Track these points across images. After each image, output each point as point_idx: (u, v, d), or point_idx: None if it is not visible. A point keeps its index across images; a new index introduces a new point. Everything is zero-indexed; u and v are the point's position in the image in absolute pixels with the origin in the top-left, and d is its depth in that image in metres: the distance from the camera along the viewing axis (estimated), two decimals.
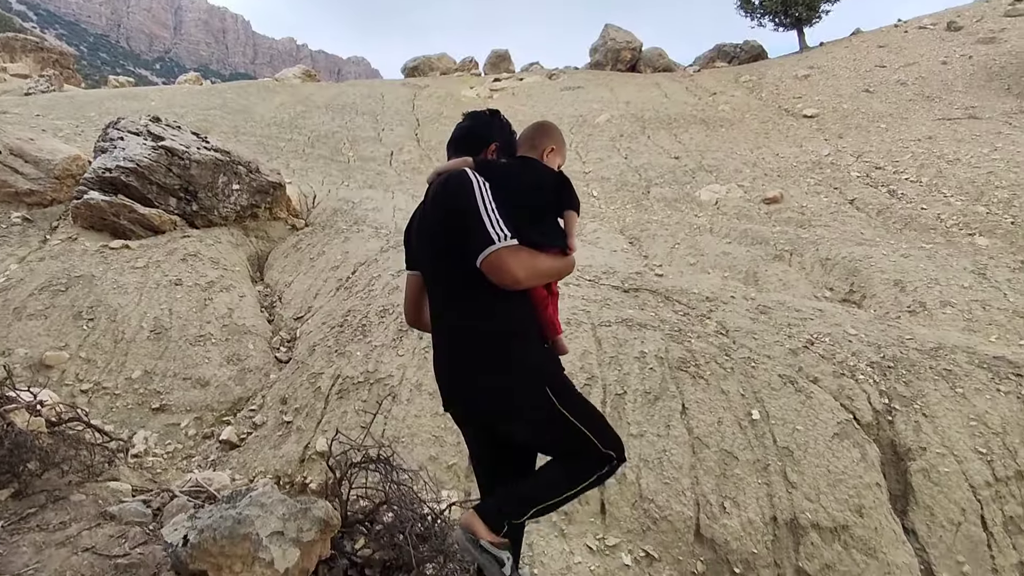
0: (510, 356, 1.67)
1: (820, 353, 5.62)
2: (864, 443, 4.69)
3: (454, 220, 1.64)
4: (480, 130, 1.95)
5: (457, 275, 1.68)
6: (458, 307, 1.71)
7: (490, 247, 1.56)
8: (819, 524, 4.29)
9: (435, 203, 1.74)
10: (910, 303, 7.53)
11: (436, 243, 1.74)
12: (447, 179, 1.72)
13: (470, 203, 1.62)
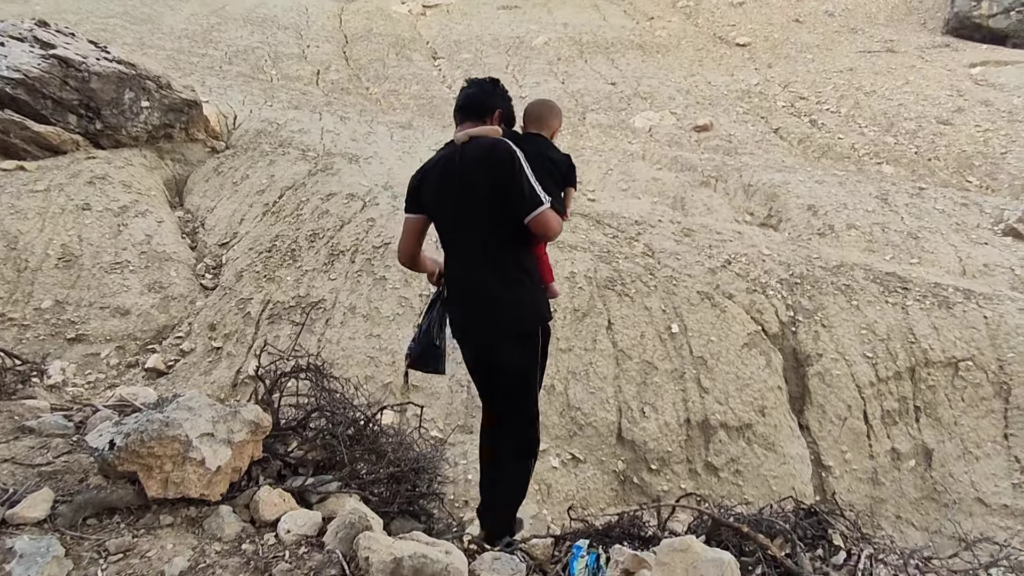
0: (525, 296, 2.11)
1: (736, 272, 5.99)
2: (770, 351, 5.13)
3: (503, 186, 1.94)
4: (485, 98, 2.15)
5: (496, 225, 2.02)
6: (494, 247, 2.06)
7: (540, 207, 1.94)
8: (727, 424, 4.73)
9: (484, 169, 1.99)
10: (820, 226, 8.05)
11: (480, 205, 2.02)
12: (493, 149, 1.98)
13: (518, 172, 1.94)
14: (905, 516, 4.86)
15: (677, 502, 2.46)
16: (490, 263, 2.07)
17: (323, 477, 2.14)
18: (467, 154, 2.03)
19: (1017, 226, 7.55)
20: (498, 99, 2.18)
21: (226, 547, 1.69)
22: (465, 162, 2.02)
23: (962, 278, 6.79)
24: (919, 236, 7.60)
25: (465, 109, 2.13)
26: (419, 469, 2.50)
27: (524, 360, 2.14)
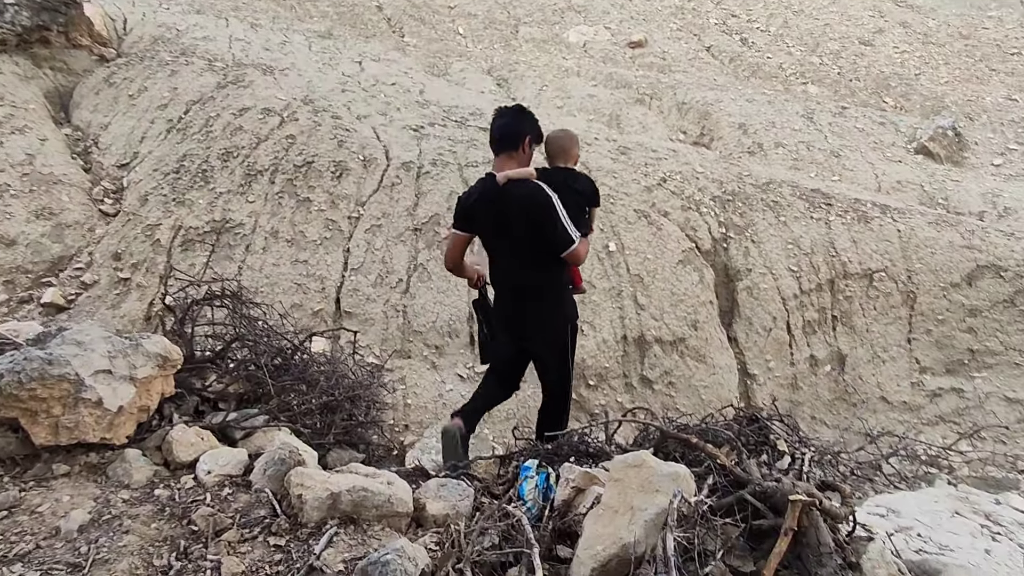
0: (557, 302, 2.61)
1: (671, 190, 5.99)
2: (703, 267, 5.24)
3: (538, 225, 2.34)
4: (515, 127, 2.46)
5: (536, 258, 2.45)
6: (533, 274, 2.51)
7: (572, 245, 2.37)
8: (661, 339, 4.85)
9: (520, 211, 2.37)
10: (750, 144, 8.15)
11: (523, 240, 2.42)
12: (533, 197, 2.35)
13: (551, 214, 2.33)
14: (819, 416, 5.25)
15: (624, 417, 2.47)
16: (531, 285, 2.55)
17: (247, 411, 1.96)
18: (508, 197, 2.39)
19: (928, 144, 7.91)
20: (526, 126, 2.49)
21: (135, 494, 1.51)
22: (507, 204, 2.39)
23: (878, 194, 7.11)
24: (841, 154, 7.84)
25: (501, 142, 2.48)
26: (355, 397, 2.37)
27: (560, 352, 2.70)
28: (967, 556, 2.89)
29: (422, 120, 6.71)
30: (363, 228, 4.92)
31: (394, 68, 9.16)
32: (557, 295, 2.63)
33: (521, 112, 2.52)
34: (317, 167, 5.45)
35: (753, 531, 1.47)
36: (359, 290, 4.59)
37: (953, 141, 7.95)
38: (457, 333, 4.52)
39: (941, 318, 5.38)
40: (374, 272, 4.69)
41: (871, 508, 3.48)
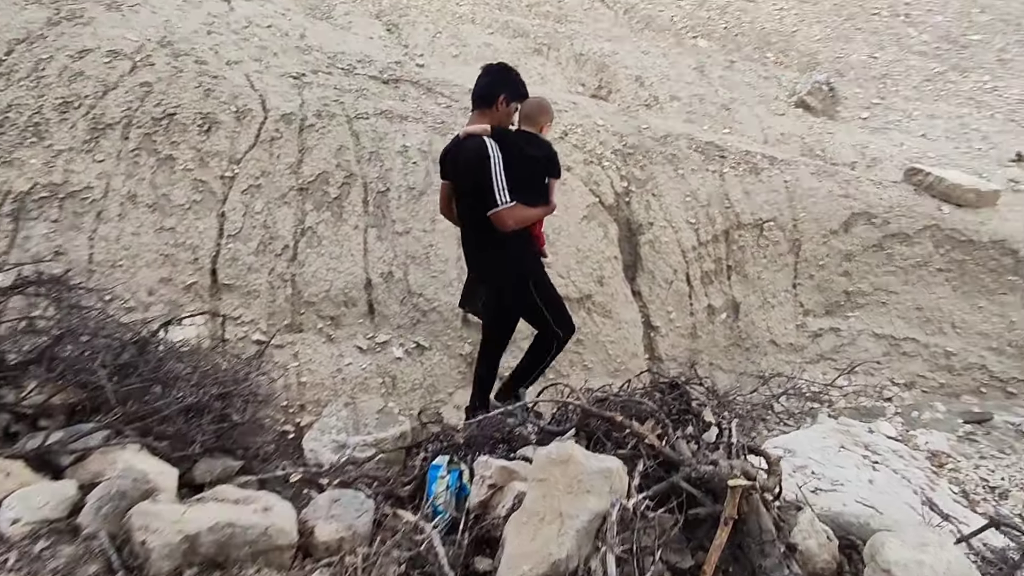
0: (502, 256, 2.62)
1: (574, 143, 5.86)
2: (607, 223, 5.19)
3: (473, 183, 2.40)
4: (491, 86, 2.52)
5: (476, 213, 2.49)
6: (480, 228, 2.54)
7: (495, 208, 2.35)
8: (568, 296, 4.77)
9: (464, 166, 2.48)
10: (647, 97, 8.18)
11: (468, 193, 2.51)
12: (472, 149, 2.38)
13: (485, 174, 2.34)
14: (716, 363, 5.48)
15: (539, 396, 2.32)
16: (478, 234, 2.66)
17: (79, 427, 1.56)
18: (459, 153, 2.52)
19: (806, 99, 8.34)
20: (501, 86, 2.55)
21: None
22: (459, 159, 2.53)
23: (765, 146, 7.42)
24: (731, 107, 8.08)
25: (476, 99, 2.56)
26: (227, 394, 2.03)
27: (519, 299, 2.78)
28: (856, 489, 3.11)
29: (304, 67, 6.06)
30: (239, 189, 4.38)
31: (269, 8, 8.20)
32: (501, 248, 2.63)
33: (502, 71, 2.63)
34: (180, 120, 4.76)
35: (688, 520, 1.39)
36: (238, 259, 4.10)
37: (828, 95, 8.42)
38: (354, 302, 4.19)
39: (821, 264, 5.74)
40: (255, 238, 4.20)
41: (771, 450, 3.68)
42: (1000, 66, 11.15)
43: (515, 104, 2.57)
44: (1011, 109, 9.57)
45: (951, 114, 8.93)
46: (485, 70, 2.61)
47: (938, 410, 5.25)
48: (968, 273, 5.50)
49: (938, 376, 5.51)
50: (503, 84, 2.54)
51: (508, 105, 2.54)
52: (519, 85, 2.57)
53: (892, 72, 10.58)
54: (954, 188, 5.60)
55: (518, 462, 1.54)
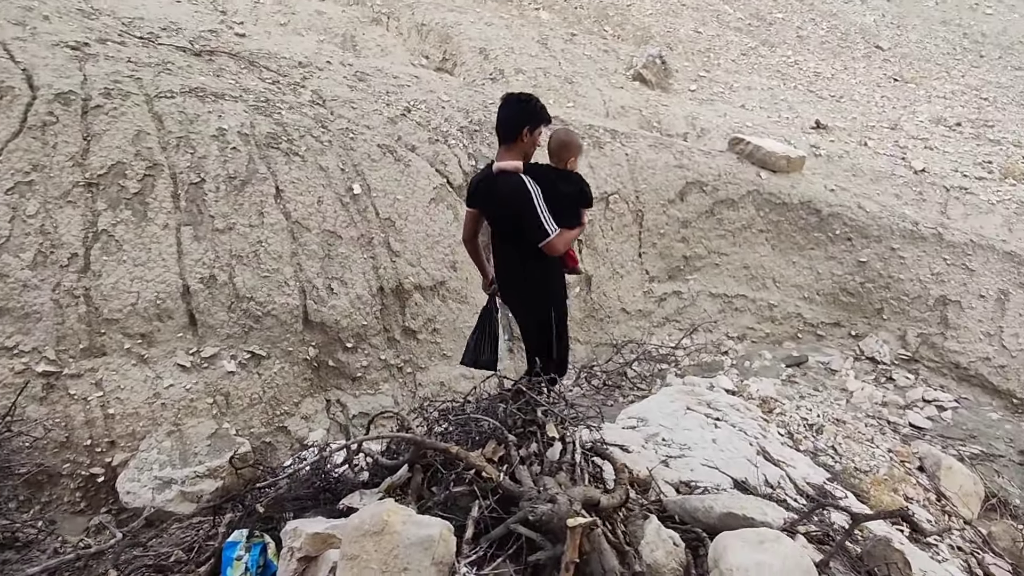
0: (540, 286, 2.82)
1: (417, 120, 5.57)
2: (456, 204, 5.01)
3: (518, 216, 2.56)
4: (513, 120, 2.59)
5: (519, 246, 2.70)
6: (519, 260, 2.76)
7: (546, 238, 2.56)
8: (421, 285, 4.57)
9: (504, 201, 2.62)
10: (492, 70, 8.05)
11: (507, 223, 2.70)
12: (511, 185, 2.55)
13: (529, 207, 2.52)
14: (574, 335, 5.59)
15: (368, 429, 2.07)
16: (516, 267, 2.79)
17: None
18: (497, 187, 2.59)
19: (642, 72, 8.71)
20: (524, 117, 2.57)
21: None
22: (497, 194, 2.59)
23: (607, 119, 7.64)
24: (574, 81, 8.21)
25: (500, 135, 2.60)
26: None
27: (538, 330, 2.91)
28: (701, 451, 3.30)
29: (86, 35, 5.09)
30: (2, 188, 3.56)
31: None
32: (536, 278, 2.81)
33: (520, 103, 2.61)
34: None
35: (529, 567, 1.28)
36: (7, 275, 3.35)
37: (661, 69, 8.86)
38: (170, 314, 3.62)
39: (662, 232, 6.05)
40: (30, 248, 3.45)
41: (624, 421, 3.80)
42: (799, 42, 12.50)
43: (539, 130, 2.65)
44: (809, 81, 10.77)
45: (763, 86, 9.85)
46: (504, 102, 2.64)
47: (766, 358, 5.83)
48: (783, 233, 6.10)
49: (764, 327, 6.11)
50: (523, 116, 2.58)
51: (532, 134, 2.62)
52: (539, 112, 2.61)
53: (714, 46, 11.42)
54: (769, 155, 6.15)
55: (336, 523, 1.32)
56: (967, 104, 10.38)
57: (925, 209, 6.50)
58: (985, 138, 8.85)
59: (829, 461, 4.06)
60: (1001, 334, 5.18)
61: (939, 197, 6.67)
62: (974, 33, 14.15)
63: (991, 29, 14.45)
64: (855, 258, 5.86)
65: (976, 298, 5.35)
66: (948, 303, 5.44)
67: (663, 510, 1.91)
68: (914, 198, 6.71)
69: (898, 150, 7.81)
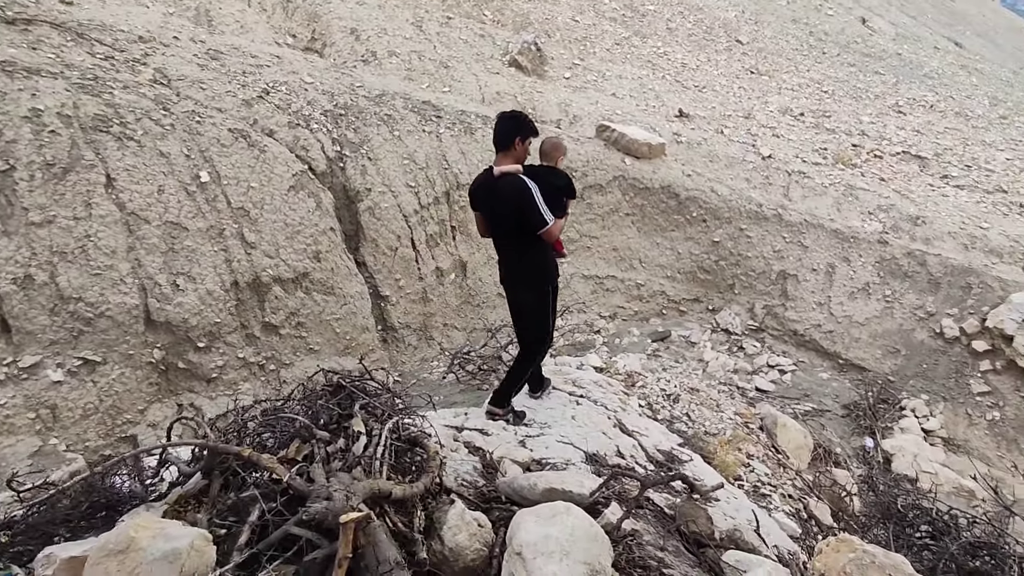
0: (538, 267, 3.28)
1: (276, 103, 5.27)
2: (319, 192, 4.81)
3: (520, 210, 2.98)
4: (509, 132, 3.04)
5: (521, 235, 3.11)
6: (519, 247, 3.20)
7: (545, 225, 3.02)
8: (281, 277, 4.35)
9: (507, 198, 3.01)
10: (364, 52, 7.78)
11: (509, 219, 3.08)
12: (514, 184, 2.99)
13: (530, 201, 2.97)
14: (450, 323, 5.61)
15: (168, 436, 1.92)
16: (517, 254, 3.23)
17: None
18: (501, 188, 3.03)
19: (518, 58, 8.79)
20: (516, 131, 3.03)
21: None
22: (499, 193, 3.04)
23: (482, 105, 7.66)
24: (450, 65, 8.13)
25: (498, 144, 3.07)
26: None
27: (538, 301, 3.32)
28: (559, 428, 3.44)
29: None
30: None
31: None
32: (535, 262, 3.25)
33: (514, 119, 3.07)
34: None
35: (306, 567, 1.25)
36: None
37: (536, 55, 9.00)
38: None
39: None
40: None
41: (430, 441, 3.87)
42: (669, 34, 13.19)
43: (529, 140, 3.07)
44: (677, 71, 11.42)
45: (634, 75, 10.31)
46: (499, 118, 3.10)
47: (634, 335, 6.18)
48: (647, 216, 6.45)
49: (633, 305, 6.46)
50: (516, 128, 3.03)
51: (523, 143, 3.05)
52: (529, 125, 3.09)
53: (590, 35, 11.77)
54: (632, 142, 6.46)
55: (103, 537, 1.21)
56: (810, 96, 11.48)
57: (771, 192, 7.14)
58: (823, 127, 9.86)
59: (683, 427, 4.39)
60: (829, 303, 5.83)
61: (782, 181, 7.35)
62: (818, 32, 15.64)
63: (832, 28, 16.05)
64: (710, 238, 6.33)
65: (809, 272, 5.97)
66: (787, 277, 6.03)
67: (495, 492, 1.98)
68: (762, 182, 7.35)
69: (749, 138, 8.50)
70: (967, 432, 4.88)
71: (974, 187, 8.39)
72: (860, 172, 8.15)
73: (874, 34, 16.51)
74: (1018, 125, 11.97)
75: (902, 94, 12.28)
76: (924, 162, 8.97)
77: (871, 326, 5.63)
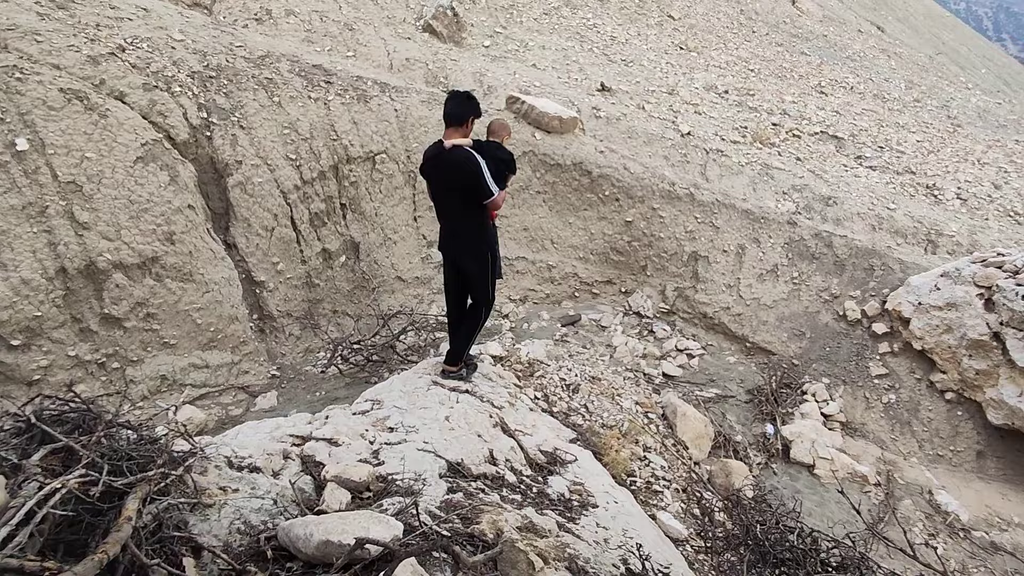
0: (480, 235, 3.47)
1: (131, 62, 4.60)
2: (176, 164, 4.23)
3: (468, 182, 3.21)
4: (462, 111, 3.25)
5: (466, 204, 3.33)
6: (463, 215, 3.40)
7: (491, 196, 3.28)
8: (123, 263, 3.79)
9: (457, 171, 3.23)
10: (257, 10, 7.06)
11: (455, 191, 3.31)
12: (463, 158, 3.20)
13: (478, 174, 3.19)
14: (341, 309, 5.16)
15: None
16: (462, 222, 3.44)
17: None
18: (450, 159, 3.23)
19: (432, 23, 8.24)
20: (469, 110, 3.27)
21: None
22: (448, 165, 3.25)
23: (389, 72, 7.11)
24: (355, 28, 7.50)
25: (451, 120, 3.26)
26: None
27: (481, 269, 3.55)
28: (427, 432, 3.10)
29: None
30: None
31: None
32: (480, 229, 3.45)
33: (468, 99, 3.28)
34: None
35: None
36: None
37: (453, 21, 8.46)
38: None
39: None
40: None
41: (359, 405, 3.49)
42: (600, 6, 12.82)
43: (475, 119, 3.30)
44: (606, 44, 11.10)
45: (559, 46, 9.91)
46: (456, 97, 3.28)
47: (543, 319, 5.91)
48: (559, 194, 6.14)
49: (544, 288, 6.17)
50: (471, 109, 3.26)
51: (472, 123, 3.29)
52: (479, 107, 3.31)
53: (518, 3, 11.25)
54: (543, 116, 6.11)
55: None
56: (736, 74, 11.41)
57: (688, 170, 6.96)
58: (746, 105, 9.79)
59: (579, 420, 4.15)
60: (739, 285, 5.72)
61: (700, 159, 7.19)
62: (749, 10, 15.63)
63: (762, 8, 16.08)
64: (623, 218, 6.09)
65: (720, 253, 5.83)
66: (698, 258, 5.87)
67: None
68: (680, 159, 7.16)
69: (671, 114, 8.30)
70: (864, 415, 4.86)
71: (885, 168, 8.51)
72: (778, 152, 8.11)
73: (802, 15, 16.69)
74: (930, 108, 12.34)
75: (825, 75, 12.41)
76: (840, 142, 9.04)
77: (778, 308, 5.55)
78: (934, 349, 4.77)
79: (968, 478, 4.46)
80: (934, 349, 4.77)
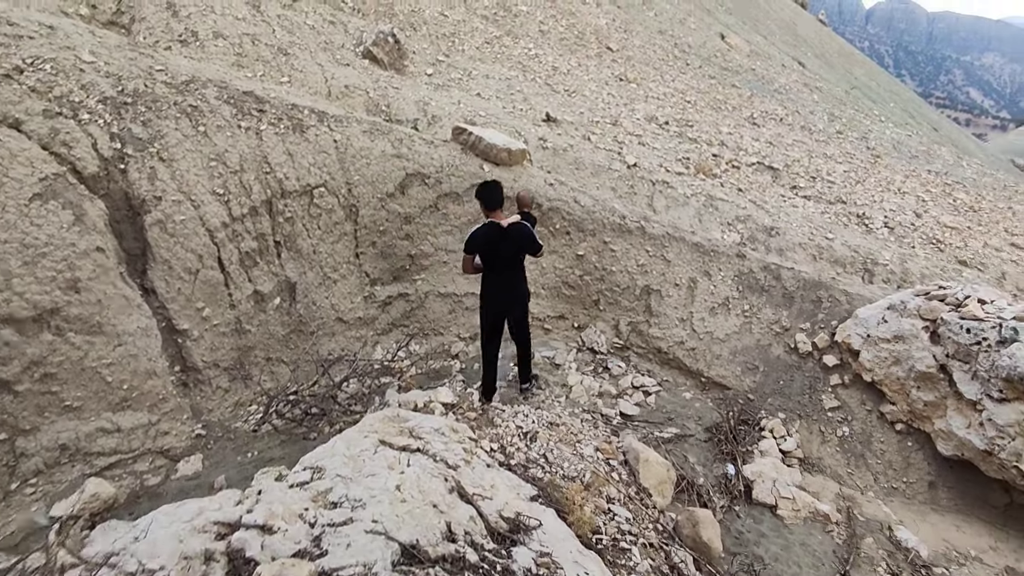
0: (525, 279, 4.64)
1: (31, 85, 4.10)
2: (82, 201, 3.75)
3: (527, 244, 4.36)
4: (502, 196, 4.30)
5: (520, 260, 4.48)
6: (517, 270, 4.49)
7: (542, 250, 4.45)
8: (14, 316, 3.28)
9: (518, 236, 4.32)
10: (182, 31, 6.59)
11: (516, 251, 4.38)
12: (527, 231, 4.34)
13: (533, 238, 4.35)
14: (275, 356, 4.72)
15: None
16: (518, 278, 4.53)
17: None
18: (519, 233, 4.33)
19: (372, 49, 7.98)
20: (502, 196, 4.33)
21: None
22: (517, 236, 4.33)
23: (328, 100, 6.77)
24: (290, 52, 7.14)
25: (493, 204, 4.29)
26: None
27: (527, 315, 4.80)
28: (375, 507, 2.76)
29: None
30: None
31: None
32: (525, 282, 4.63)
33: (499, 188, 4.30)
34: None
35: None
36: None
37: (394, 48, 8.23)
38: None
39: (382, 229, 5.46)
40: None
41: (296, 476, 3.11)
42: (541, 36, 12.94)
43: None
44: (548, 74, 11.15)
45: (502, 75, 9.85)
46: (494, 188, 4.29)
47: None
48: None
49: None
50: (503, 195, 4.31)
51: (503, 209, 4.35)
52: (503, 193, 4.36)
53: (460, 31, 11.17)
54: (491, 147, 5.92)
55: None
56: (674, 105, 11.70)
57: (636, 202, 6.94)
58: (686, 136, 10.00)
59: (538, 473, 3.89)
60: (692, 319, 5.66)
61: (647, 190, 7.19)
62: (682, 44, 16.22)
63: (695, 41, 16.74)
64: (574, 252, 5.95)
65: (672, 287, 5.77)
66: (651, 292, 5.79)
67: None
68: (627, 191, 7.14)
69: (616, 145, 8.33)
70: (820, 450, 4.84)
71: (819, 198, 8.83)
72: (720, 182, 8.26)
73: (731, 49, 17.48)
74: (852, 140, 13.05)
75: (756, 107, 12.94)
76: (776, 173, 9.34)
77: (731, 342, 5.52)
78: (883, 381, 4.82)
79: (923, 511, 4.48)
80: (883, 381, 4.82)
